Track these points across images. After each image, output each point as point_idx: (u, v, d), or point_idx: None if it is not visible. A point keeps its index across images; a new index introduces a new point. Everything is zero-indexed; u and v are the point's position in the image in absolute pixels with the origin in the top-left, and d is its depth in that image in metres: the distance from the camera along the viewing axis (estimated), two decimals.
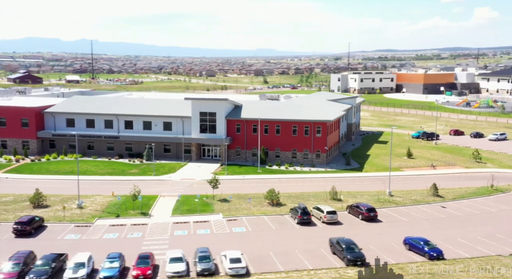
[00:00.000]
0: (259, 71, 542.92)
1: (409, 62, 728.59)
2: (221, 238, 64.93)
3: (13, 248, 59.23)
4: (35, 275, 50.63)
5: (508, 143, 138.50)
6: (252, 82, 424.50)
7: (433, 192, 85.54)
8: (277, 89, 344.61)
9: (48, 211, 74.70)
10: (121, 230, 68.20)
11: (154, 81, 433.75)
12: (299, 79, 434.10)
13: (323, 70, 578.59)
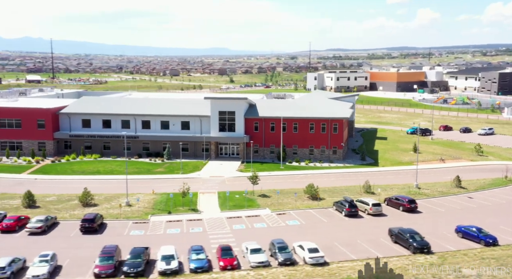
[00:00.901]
0: (223, 70, 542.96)
1: (365, 61, 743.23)
2: (280, 231, 67.70)
3: (85, 244, 61.80)
4: (130, 267, 52.65)
5: (496, 137, 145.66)
6: (217, 81, 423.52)
7: (456, 184, 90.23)
8: (250, 88, 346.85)
9: (98, 209, 76.04)
10: (179, 225, 70.27)
11: (118, 80, 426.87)
12: (264, 78, 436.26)
13: (285, 69, 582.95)
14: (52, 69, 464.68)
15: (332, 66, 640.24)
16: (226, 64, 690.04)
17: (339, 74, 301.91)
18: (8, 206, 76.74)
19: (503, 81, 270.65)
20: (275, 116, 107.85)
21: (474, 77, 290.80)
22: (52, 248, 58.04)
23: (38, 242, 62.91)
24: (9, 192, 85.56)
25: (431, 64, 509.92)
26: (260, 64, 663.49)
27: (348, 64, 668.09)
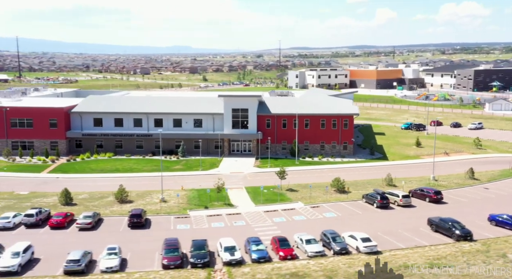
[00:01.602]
0: (194, 69, 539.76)
1: (333, 60, 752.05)
2: (321, 223, 70.33)
3: (139, 238, 63.70)
4: (197, 258, 54.54)
5: (485, 131, 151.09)
6: (190, 79, 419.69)
7: (469, 175, 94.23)
8: (228, 86, 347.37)
9: (135, 205, 77.51)
10: (221, 219, 72.30)
11: (89, 79, 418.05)
12: (237, 76, 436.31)
13: (255, 67, 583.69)
14: (18, 68, 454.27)
15: (301, 64, 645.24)
16: (195, 62, 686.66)
17: (320, 72, 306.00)
18: (44, 204, 77.39)
19: (478, 78, 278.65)
20: (287, 113, 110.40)
21: (450, 74, 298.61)
22: (107, 242, 59.51)
23: (92, 237, 64.16)
24: (38, 190, 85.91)
25: (397, 62, 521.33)
26: (230, 62, 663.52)
27: (316, 62, 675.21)
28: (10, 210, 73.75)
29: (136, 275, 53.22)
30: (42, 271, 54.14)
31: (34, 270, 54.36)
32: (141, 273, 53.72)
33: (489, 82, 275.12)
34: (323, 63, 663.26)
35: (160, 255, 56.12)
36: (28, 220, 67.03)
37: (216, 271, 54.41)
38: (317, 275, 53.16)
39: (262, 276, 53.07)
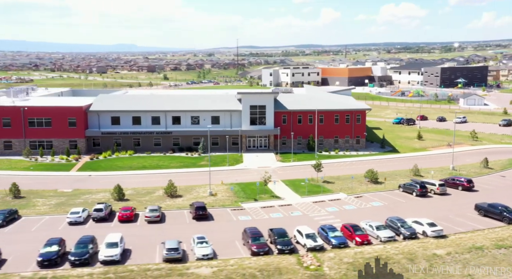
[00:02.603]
0: (152, 67, 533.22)
1: (287, 58, 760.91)
2: (372, 211, 74.56)
3: (209, 228, 65.77)
4: (284, 245, 58.01)
5: (469, 125, 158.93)
6: (150, 78, 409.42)
7: (484, 165, 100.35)
8: (197, 85, 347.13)
9: (184, 200, 79.74)
10: (276, 210, 75.52)
11: (44, 78, 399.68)
12: (197, 75, 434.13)
13: (213, 66, 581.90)
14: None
15: (257, 63, 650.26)
16: (148, 61, 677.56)
17: (293, 70, 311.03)
18: (96, 200, 78.70)
19: (444, 75, 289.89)
20: (303, 109, 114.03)
21: (417, 72, 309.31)
22: (181, 233, 62.47)
23: (165, 229, 66.56)
24: (81, 188, 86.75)
25: (350, 61, 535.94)
26: (185, 61, 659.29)
27: (271, 61, 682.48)
28: (64, 207, 74.79)
29: (232, 262, 55.95)
30: (139, 259, 56.19)
31: (131, 259, 56.38)
32: (236, 259, 56.50)
33: (455, 79, 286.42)
34: (278, 61, 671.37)
35: (247, 243, 58.73)
36: (97, 214, 68.62)
37: (303, 257, 57.49)
38: (398, 258, 57.01)
39: (349, 259, 56.57)
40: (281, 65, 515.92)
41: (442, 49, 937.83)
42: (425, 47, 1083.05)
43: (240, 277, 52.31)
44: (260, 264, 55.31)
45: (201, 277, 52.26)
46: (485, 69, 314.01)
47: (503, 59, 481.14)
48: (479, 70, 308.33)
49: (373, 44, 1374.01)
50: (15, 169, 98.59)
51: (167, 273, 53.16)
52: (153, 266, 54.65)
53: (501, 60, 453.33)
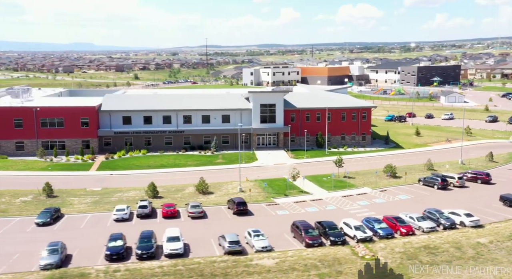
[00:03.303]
0: (120, 67, 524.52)
1: (254, 58, 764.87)
2: (401, 204, 77.91)
3: (250, 224, 67.01)
4: (337, 236, 60.84)
5: (456, 121, 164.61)
6: (119, 78, 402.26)
7: (489, 158, 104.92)
8: (173, 84, 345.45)
9: (217, 196, 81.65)
10: (309, 205, 78.07)
11: (9, 78, 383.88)
12: (168, 75, 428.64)
13: (182, 65, 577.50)
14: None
15: (225, 62, 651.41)
16: (113, 60, 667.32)
17: (274, 69, 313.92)
18: (130, 197, 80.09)
19: (421, 74, 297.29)
20: (311, 107, 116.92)
21: (393, 71, 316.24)
22: (227, 228, 64.40)
23: (210, 224, 68.47)
24: (109, 186, 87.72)
25: (318, 60, 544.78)
26: (151, 60, 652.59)
27: (239, 60, 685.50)
28: (102, 205, 75.88)
29: (290, 253, 58.25)
30: (200, 252, 58.06)
31: (192, 252, 58.19)
32: (293, 251, 58.88)
33: (430, 78, 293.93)
34: (246, 61, 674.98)
35: (299, 235, 61.17)
36: (142, 211, 70.07)
37: (355, 247, 60.18)
38: (446, 247, 60.16)
39: (400, 249, 59.46)
40: (251, 64, 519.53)
41: (401, 49, 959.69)
42: (385, 47, 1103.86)
43: (303, 267, 54.55)
44: (317, 255, 57.68)
45: (266, 268, 54.32)
46: (458, 68, 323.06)
47: (463, 58, 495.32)
48: (453, 69, 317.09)
49: (333, 44, 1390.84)
50: (33, 169, 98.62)
51: (233, 264, 55.05)
52: (218, 258, 56.50)
53: (462, 60, 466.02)
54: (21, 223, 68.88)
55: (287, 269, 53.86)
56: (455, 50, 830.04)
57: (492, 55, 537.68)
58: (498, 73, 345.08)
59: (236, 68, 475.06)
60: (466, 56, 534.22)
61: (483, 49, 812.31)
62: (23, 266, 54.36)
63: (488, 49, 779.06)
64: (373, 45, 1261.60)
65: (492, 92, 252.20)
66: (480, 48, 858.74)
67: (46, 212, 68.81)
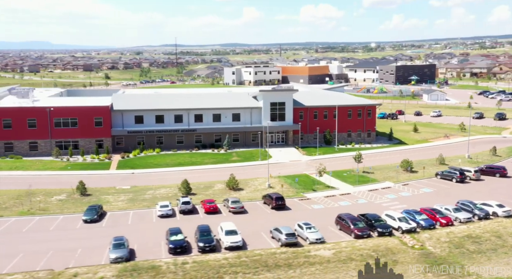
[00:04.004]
0: (88, 66, 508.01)
1: (223, 57, 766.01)
2: (427, 197, 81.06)
3: (290, 218, 69.27)
4: (384, 228, 63.66)
5: (444, 118, 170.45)
6: (89, 77, 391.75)
7: (493, 153, 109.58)
8: (151, 84, 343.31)
9: (248, 192, 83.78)
10: (340, 199, 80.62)
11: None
12: (139, 74, 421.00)
13: (151, 65, 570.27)
14: None
15: (195, 62, 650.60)
16: (78, 59, 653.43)
17: (256, 69, 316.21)
18: (163, 195, 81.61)
19: (399, 73, 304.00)
20: (319, 105, 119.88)
21: (372, 70, 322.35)
22: (268, 222, 66.73)
23: (251, 219, 70.13)
24: (137, 185, 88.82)
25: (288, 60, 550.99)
26: (117, 60, 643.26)
27: (208, 60, 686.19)
28: (138, 202, 77.20)
29: (343, 244, 60.72)
30: (257, 244, 60.11)
31: (249, 245, 60.10)
32: (345, 242, 61.34)
33: (408, 77, 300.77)
34: (215, 60, 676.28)
35: (346, 227, 63.76)
36: (185, 207, 71.66)
37: (402, 238, 63.08)
38: (487, 236, 63.39)
39: (445, 239, 62.45)
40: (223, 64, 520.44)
41: (364, 48, 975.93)
42: (348, 46, 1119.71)
43: (360, 257, 57.04)
44: (370, 245, 60.24)
45: (325, 258, 56.65)
46: (434, 67, 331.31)
47: (428, 58, 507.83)
48: (429, 68, 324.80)
49: (296, 44, 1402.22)
50: (53, 169, 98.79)
51: (293, 255, 57.24)
52: (277, 250, 58.58)
53: (427, 59, 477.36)
54: (66, 220, 69.70)
55: (345, 259, 56.16)
56: (416, 50, 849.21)
57: (454, 55, 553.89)
58: (467, 72, 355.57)
59: (208, 68, 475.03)
60: (430, 56, 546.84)
61: (441, 49, 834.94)
62: (91, 260, 55.51)
63: (446, 49, 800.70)
64: (335, 45, 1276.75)
65: (468, 90, 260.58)
66: (439, 48, 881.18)
67: (91, 209, 69.73)
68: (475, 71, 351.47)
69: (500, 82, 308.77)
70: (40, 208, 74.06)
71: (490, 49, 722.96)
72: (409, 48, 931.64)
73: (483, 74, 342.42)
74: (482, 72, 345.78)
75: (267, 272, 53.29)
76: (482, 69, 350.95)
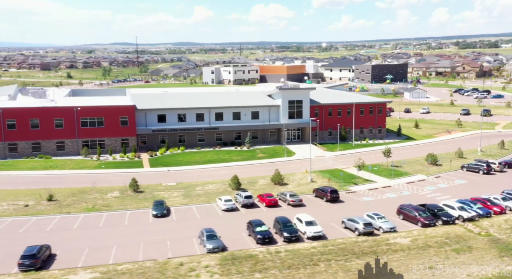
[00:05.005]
0: (46, 65, 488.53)
1: (185, 56, 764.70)
2: (463, 187, 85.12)
3: (348, 210, 72.38)
4: (447, 217, 67.43)
5: (433, 114, 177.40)
6: (49, 77, 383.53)
7: (501, 146, 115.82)
8: (123, 83, 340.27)
9: (294, 186, 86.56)
10: (384, 191, 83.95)
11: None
12: (102, 73, 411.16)
13: (111, 64, 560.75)
14: None
15: (154, 61, 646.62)
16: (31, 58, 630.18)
17: (235, 68, 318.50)
18: (212, 190, 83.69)
19: (374, 72, 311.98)
20: (334, 102, 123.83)
21: (347, 69, 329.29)
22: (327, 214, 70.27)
23: (311, 211, 71.09)
24: (183, 181, 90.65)
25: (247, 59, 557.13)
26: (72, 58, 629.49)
27: (169, 59, 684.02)
28: (193, 198, 79.35)
29: (415, 233, 63.97)
30: (333, 234, 62.90)
31: (329, 235, 63.26)
32: (416, 230, 64.51)
33: (383, 75, 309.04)
34: (175, 59, 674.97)
35: (412, 217, 67.00)
36: (248, 201, 73.95)
37: (465, 226, 67.28)
38: None
39: (506, 226, 66.18)
40: (187, 63, 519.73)
41: (318, 48, 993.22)
42: (302, 46, 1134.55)
43: (435, 244, 60.40)
44: (440, 233, 63.55)
45: (405, 246, 59.87)
46: (406, 67, 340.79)
47: (385, 58, 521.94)
48: (401, 67, 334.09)
49: (248, 43, 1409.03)
50: (87, 168, 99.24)
51: (375, 243, 60.23)
52: (357, 238, 61.62)
53: (386, 59, 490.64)
54: (135, 215, 70.85)
55: (424, 246, 59.26)
56: (368, 50, 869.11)
57: (409, 55, 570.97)
58: (432, 71, 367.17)
59: (173, 67, 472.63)
60: (387, 56, 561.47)
61: (391, 49, 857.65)
62: (184, 251, 57.23)
63: (397, 49, 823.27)
64: (287, 44, 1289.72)
65: (441, 88, 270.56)
66: (389, 48, 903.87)
67: (159, 204, 71.34)
68: (440, 70, 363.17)
69: (467, 81, 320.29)
70: (103, 204, 75.09)
71: (437, 50, 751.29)
72: (361, 48, 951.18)
73: (447, 73, 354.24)
74: (447, 71, 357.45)
75: (357, 259, 55.92)
76: (446, 69, 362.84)
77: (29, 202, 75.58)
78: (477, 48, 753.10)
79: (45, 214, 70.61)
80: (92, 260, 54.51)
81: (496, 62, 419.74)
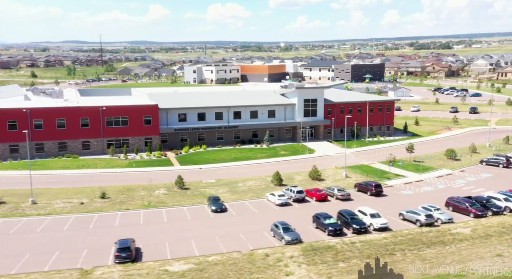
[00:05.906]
0: (5, 64, 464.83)
1: (148, 55, 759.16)
2: (490, 180, 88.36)
3: (395, 204, 74.95)
4: (497, 208, 70.63)
5: (423, 112, 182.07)
6: (12, 76, 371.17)
7: (505, 141, 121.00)
8: (98, 83, 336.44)
9: (332, 181, 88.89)
10: (418, 185, 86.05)
11: None
12: (67, 72, 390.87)
13: (74, 62, 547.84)
14: None
15: (118, 60, 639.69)
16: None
17: (216, 67, 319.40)
18: (254, 186, 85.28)
19: (354, 71, 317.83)
20: (345, 101, 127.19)
21: (327, 68, 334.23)
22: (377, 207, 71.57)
23: (359, 204, 73.27)
24: (222, 178, 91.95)
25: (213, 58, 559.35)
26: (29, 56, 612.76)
27: (132, 58, 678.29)
28: (240, 194, 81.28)
29: (471, 223, 66.37)
30: (396, 226, 65.47)
31: (391, 226, 66.09)
32: (471, 221, 67.06)
33: (362, 75, 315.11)
34: (139, 58, 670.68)
35: (463, 209, 69.81)
36: (299, 196, 75.98)
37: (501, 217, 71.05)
38: None
39: None
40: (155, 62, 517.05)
41: (278, 48, 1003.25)
42: (263, 46, 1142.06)
43: (495, 233, 62.28)
44: (495, 223, 65.83)
45: (468, 235, 61.97)
46: (383, 67, 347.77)
47: (351, 58, 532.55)
48: (378, 67, 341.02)
49: (206, 42, 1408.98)
50: (119, 166, 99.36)
51: (440, 234, 62.28)
52: (421, 229, 64.41)
53: (351, 59, 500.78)
54: (192, 211, 71.50)
55: (485, 236, 61.72)
56: (327, 50, 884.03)
57: (372, 55, 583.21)
58: (404, 71, 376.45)
59: (142, 66, 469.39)
60: (351, 56, 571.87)
61: (350, 49, 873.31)
62: (261, 242, 59.24)
63: (355, 49, 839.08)
64: (246, 44, 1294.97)
65: (419, 87, 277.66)
66: (348, 48, 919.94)
67: (216, 200, 72.69)
68: (411, 70, 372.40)
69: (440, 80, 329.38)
70: (157, 201, 76.23)
71: (395, 50, 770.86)
72: (320, 48, 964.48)
73: (418, 73, 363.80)
74: (417, 71, 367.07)
75: (428, 248, 58.34)
76: (416, 68, 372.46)
77: (82, 199, 75.79)
78: (431, 49, 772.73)
79: (105, 211, 71.01)
80: (178, 252, 55.45)
81: (458, 63, 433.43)
